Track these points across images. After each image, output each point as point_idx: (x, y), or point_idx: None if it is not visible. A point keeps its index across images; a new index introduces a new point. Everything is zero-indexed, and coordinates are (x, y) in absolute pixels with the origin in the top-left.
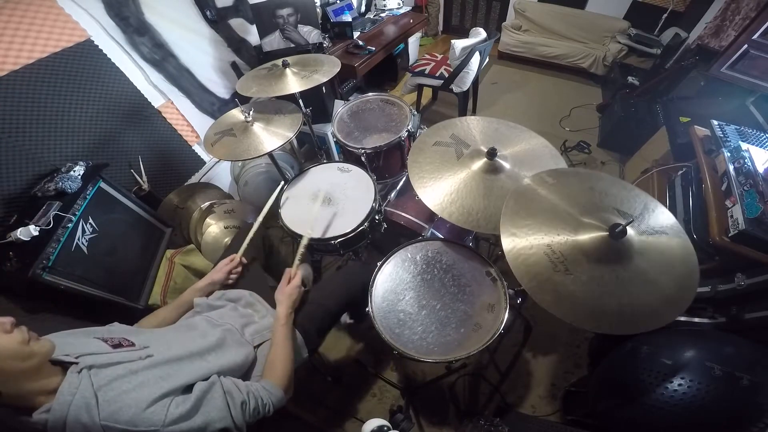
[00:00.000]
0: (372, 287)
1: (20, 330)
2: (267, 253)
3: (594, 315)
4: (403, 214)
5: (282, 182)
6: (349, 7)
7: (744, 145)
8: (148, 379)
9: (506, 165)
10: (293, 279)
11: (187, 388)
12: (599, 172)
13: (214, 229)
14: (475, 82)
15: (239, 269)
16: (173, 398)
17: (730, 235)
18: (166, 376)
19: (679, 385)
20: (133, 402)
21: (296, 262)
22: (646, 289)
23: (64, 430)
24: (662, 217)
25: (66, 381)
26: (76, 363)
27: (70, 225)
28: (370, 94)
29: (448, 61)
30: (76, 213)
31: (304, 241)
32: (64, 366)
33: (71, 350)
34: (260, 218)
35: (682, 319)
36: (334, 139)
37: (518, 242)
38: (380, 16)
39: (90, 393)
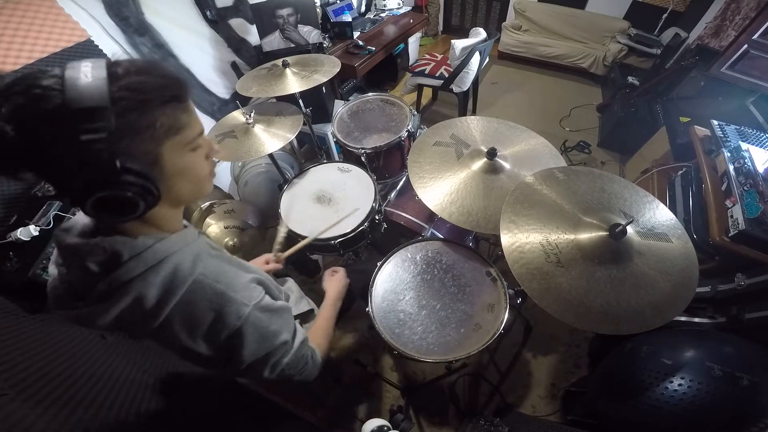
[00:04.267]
0: (372, 287)
1: (213, 163)
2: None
3: (577, 310)
4: (403, 214)
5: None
6: (349, 7)
7: (744, 145)
8: (244, 270)
9: (506, 165)
10: (339, 272)
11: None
12: (614, 174)
13: (214, 229)
14: (475, 82)
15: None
16: (265, 293)
17: (730, 235)
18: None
19: (679, 385)
20: (237, 275)
21: (293, 249)
22: (637, 293)
23: (150, 269)
24: (668, 222)
25: (190, 229)
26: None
27: None
28: (370, 94)
29: (448, 61)
30: (76, 213)
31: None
32: None
33: None
34: (316, 235)
35: (682, 319)
36: (334, 139)
37: (516, 230)
38: (380, 16)
39: (204, 249)
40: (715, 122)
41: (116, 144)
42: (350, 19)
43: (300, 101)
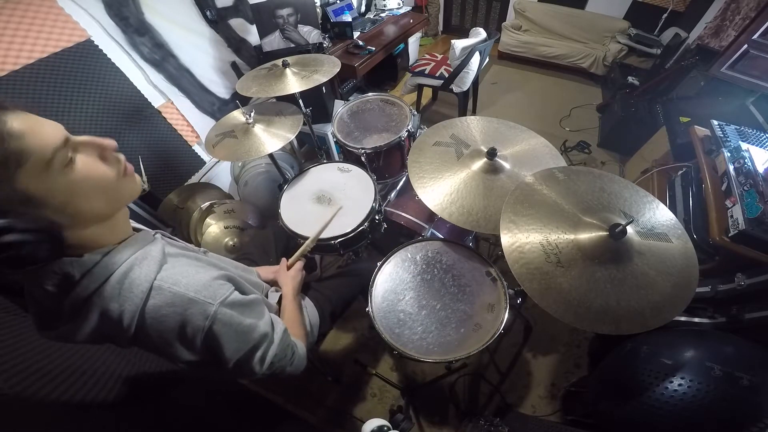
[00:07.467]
0: (372, 287)
1: (118, 160)
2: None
3: (577, 310)
4: (403, 214)
5: (339, 208)
6: (349, 7)
7: (744, 145)
8: (210, 268)
9: (506, 165)
10: (294, 265)
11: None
12: (614, 174)
13: (214, 229)
14: (475, 82)
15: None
16: (234, 288)
17: (730, 235)
18: (224, 270)
19: (679, 385)
20: (198, 273)
21: (296, 254)
22: (637, 293)
23: (104, 283)
24: (668, 222)
25: (142, 233)
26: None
27: None
28: (370, 94)
29: (448, 61)
30: None
31: (309, 241)
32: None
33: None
34: (316, 235)
35: (682, 319)
36: (334, 139)
37: (516, 230)
38: (380, 16)
39: (159, 252)
40: (715, 122)
41: None
42: (350, 19)
43: (300, 101)
